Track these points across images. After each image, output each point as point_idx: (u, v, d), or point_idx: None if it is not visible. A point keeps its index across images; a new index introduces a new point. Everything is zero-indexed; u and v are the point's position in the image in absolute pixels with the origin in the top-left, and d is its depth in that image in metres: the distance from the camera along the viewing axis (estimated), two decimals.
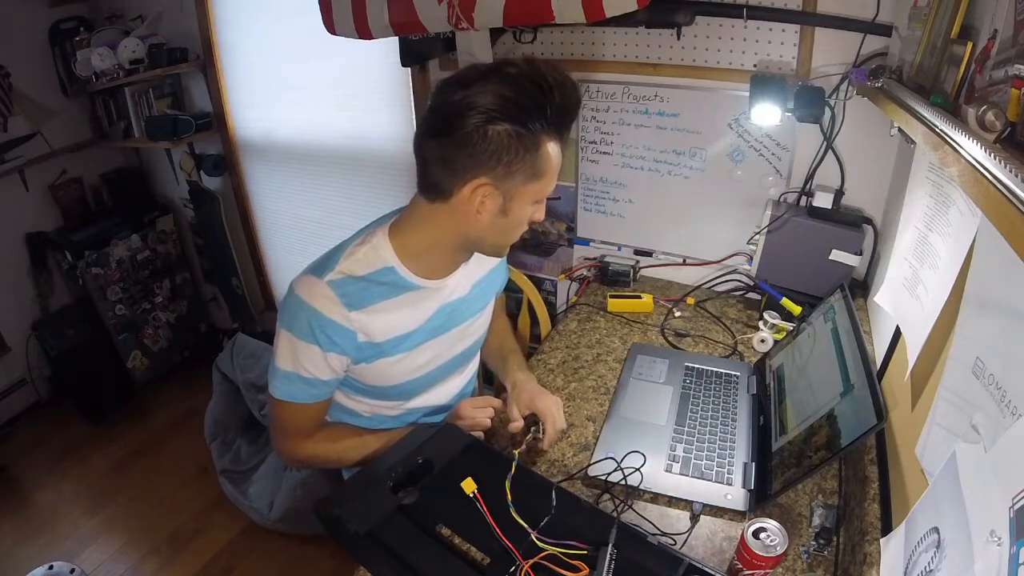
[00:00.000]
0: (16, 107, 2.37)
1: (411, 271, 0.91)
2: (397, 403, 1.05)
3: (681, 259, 1.69)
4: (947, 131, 0.61)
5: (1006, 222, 0.46)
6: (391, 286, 0.91)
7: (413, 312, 0.94)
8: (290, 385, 0.89)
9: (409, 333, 0.95)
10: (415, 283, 0.92)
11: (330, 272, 0.87)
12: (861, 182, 1.39)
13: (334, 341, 0.87)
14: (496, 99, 0.75)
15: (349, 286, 0.87)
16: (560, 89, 0.77)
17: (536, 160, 0.80)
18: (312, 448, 0.98)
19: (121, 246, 2.61)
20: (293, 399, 0.91)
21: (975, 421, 0.60)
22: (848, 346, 0.96)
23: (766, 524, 0.80)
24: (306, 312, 0.85)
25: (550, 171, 0.83)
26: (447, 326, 1.00)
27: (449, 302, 0.98)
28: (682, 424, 1.10)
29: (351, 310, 0.86)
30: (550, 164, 0.82)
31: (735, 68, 1.40)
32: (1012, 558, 0.45)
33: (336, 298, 0.85)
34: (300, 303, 0.86)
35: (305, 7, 1.71)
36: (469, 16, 1.39)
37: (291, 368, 0.88)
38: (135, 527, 2.11)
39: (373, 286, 0.89)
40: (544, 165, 0.81)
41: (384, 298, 0.90)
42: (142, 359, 2.77)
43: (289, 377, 0.89)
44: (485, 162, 0.78)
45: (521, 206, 0.84)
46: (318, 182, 2.37)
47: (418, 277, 0.92)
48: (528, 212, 0.86)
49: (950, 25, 0.71)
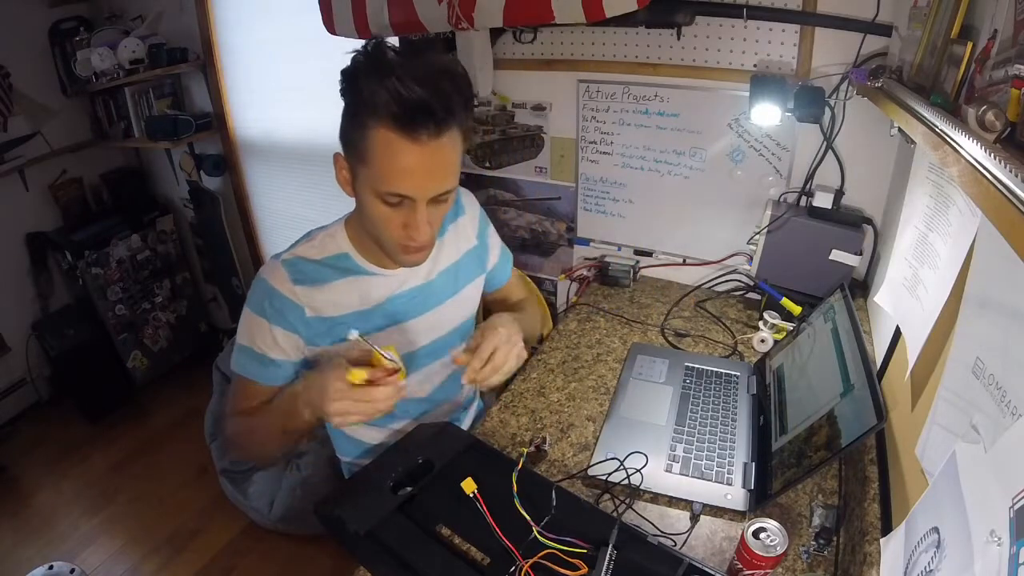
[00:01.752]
0: (16, 107, 2.37)
1: (364, 259, 0.96)
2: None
3: (681, 259, 1.69)
4: (947, 131, 0.61)
5: (1006, 222, 0.46)
6: (342, 270, 0.95)
7: (363, 295, 0.97)
8: (243, 358, 0.93)
9: (362, 314, 0.97)
10: (367, 269, 0.97)
11: (286, 254, 0.94)
12: (861, 182, 1.39)
13: (282, 315, 0.91)
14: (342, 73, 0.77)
15: (301, 265, 0.93)
16: (402, 74, 0.71)
17: (361, 142, 0.77)
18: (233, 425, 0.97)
19: (121, 246, 2.61)
20: (245, 373, 0.94)
21: (975, 421, 0.60)
22: (848, 346, 0.96)
23: (766, 524, 0.80)
24: (260, 286, 0.92)
25: (375, 159, 0.76)
26: (408, 314, 1.02)
27: (403, 291, 1.00)
28: (682, 424, 1.10)
29: (297, 285, 0.91)
30: (373, 150, 0.76)
31: (735, 68, 1.40)
32: (1012, 558, 0.45)
33: (286, 274, 0.91)
34: (258, 280, 0.93)
35: (305, 7, 1.71)
36: (469, 16, 1.39)
37: (246, 343, 0.93)
38: (135, 527, 2.11)
39: (325, 268, 0.94)
40: (367, 149, 0.76)
41: (333, 279, 0.94)
42: (142, 359, 2.77)
43: (243, 350, 0.93)
44: (340, 133, 0.82)
45: (362, 190, 0.82)
46: (318, 182, 2.37)
47: (371, 264, 0.97)
48: (375, 206, 0.81)
49: (950, 25, 0.71)
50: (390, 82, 0.71)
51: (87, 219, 2.68)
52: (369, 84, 0.73)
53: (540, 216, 1.85)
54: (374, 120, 0.74)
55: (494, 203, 1.88)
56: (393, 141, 0.74)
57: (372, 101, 0.73)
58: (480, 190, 1.86)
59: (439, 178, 0.80)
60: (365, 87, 0.74)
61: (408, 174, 0.77)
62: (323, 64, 2.06)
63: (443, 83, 0.74)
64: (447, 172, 0.81)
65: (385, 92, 0.72)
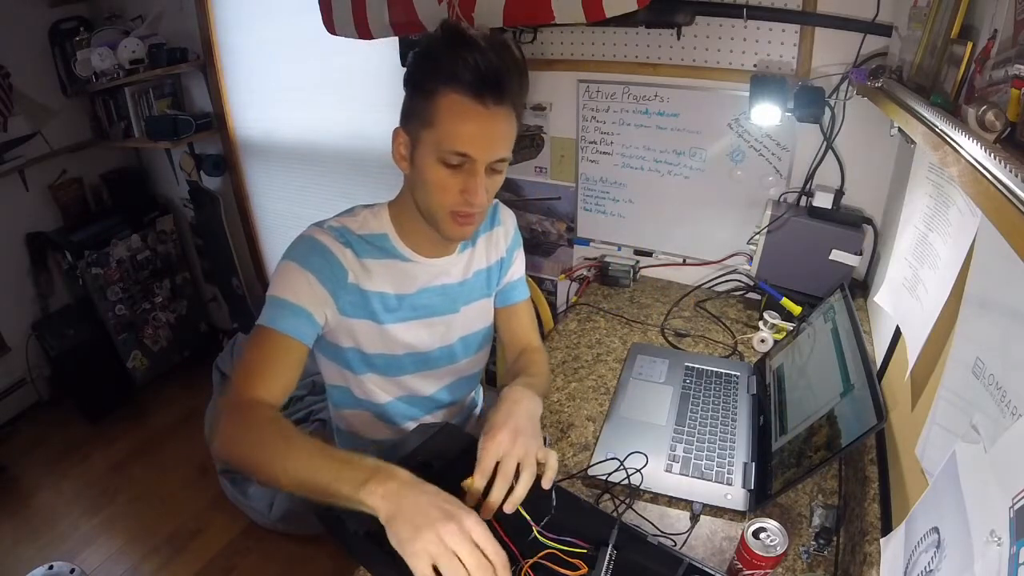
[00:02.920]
0: (16, 107, 2.37)
1: (403, 243, 0.98)
2: (388, 380, 1.05)
3: (681, 259, 1.69)
4: (947, 131, 0.61)
5: (1006, 222, 0.46)
6: (382, 251, 0.96)
7: (399, 280, 0.98)
8: (274, 310, 0.88)
9: (396, 300, 0.98)
10: (405, 254, 0.98)
11: (331, 221, 0.96)
12: (861, 182, 1.39)
13: (329, 270, 0.91)
14: (414, 54, 0.86)
15: (346, 234, 0.94)
16: (479, 46, 0.79)
17: (428, 107, 0.82)
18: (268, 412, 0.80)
19: (121, 246, 2.61)
20: (273, 324, 0.86)
21: (975, 421, 0.60)
22: (848, 346, 0.96)
23: (766, 524, 0.80)
24: (307, 241, 0.92)
25: (442, 121, 0.82)
26: (435, 310, 1.03)
27: (435, 286, 1.01)
28: (682, 424, 1.10)
29: (346, 247, 0.93)
30: (441, 113, 0.81)
31: (735, 68, 1.40)
32: (1012, 558, 0.45)
33: (335, 236, 0.93)
34: (303, 237, 0.94)
35: (305, 7, 1.72)
36: (469, 16, 1.39)
37: (280, 294, 0.89)
38: (135, 527, 2.11)
39: (366, 245, 0.95)
40: (435, 113, 0.82)
41: (373, 257, 0.95)
42: (142, 359, 2.77)
43: (275, 302, 0.88)
44: (402, 110, 0.88)
45: (423, 157, 0.85)
46: (318, 182, 2.37)
47: (408, 250, 0.98)
48: (435, 170, 0.85)
49: (950, 25, 0.71)
50: (468, 51, 0.78)
51: (87, 219, 2.68)
52: (447, 55, 0.80)
53: (540, 216, 1.85)
54: (446, 86, 0.80)
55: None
56: (461, 102, 0.80)
57: (449, 69, 0.79)
58: None
59: (499, 143, 0.85)
60: (443, 57, 0.80)
61: (472, 135, 0.82)
62: (323, 64, 2.08)
63: (511, 62, 0.81)
64: (506, 140, 0.86)
65: (462, 61, 0.78)
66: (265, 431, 0.77)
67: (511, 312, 1.16)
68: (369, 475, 0.66)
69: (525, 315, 1.18)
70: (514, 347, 1.15)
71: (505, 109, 0.83)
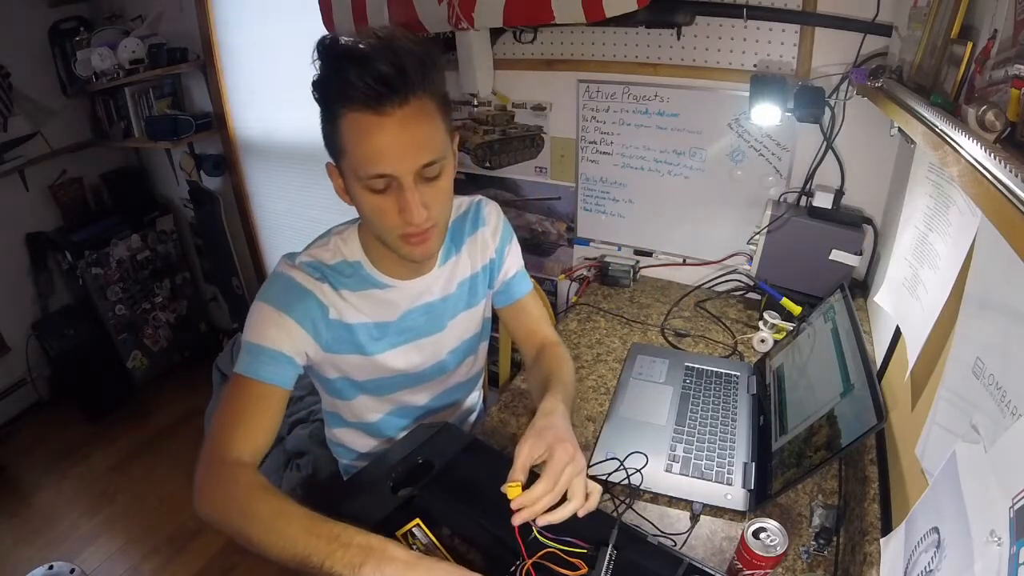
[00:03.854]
0: (16, 107, 2.38)
1: (378, 269, 0.93)
2: (379, 399, 1.04)
3: (681, 259, 1.69)
4: (947, 131, 0.61)
5: (1006, 222, 0.46)
6: (357, 278, 0.92)
7: (379, 309, 0.94)
8: (250, 358, 0.84)
9: (379, 330, 0.94)
10: (381, 280, 0.93)
11: (303, 255, 0.91)
12: (861, 182, 1.39)
13: (306, 311, 0.86)
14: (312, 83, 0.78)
15: (319, 269, 0.90)
16: (355, 55, 0.71)
17: (335, 134, 0.77)
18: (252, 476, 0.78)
19: (121, 246, 2.61)
20: (250, 372, 0.83)
21: (975, 421, 0.60)
22: (848, 346, 0.96)
23: (766, 524, 0.80)
24: (281, 280, 0.88)
25: (350, 145, 0.76)
26: (422, 331, 0.99)
27: (419, 306, 0.97)
28: (682, 424, 1.10)
29: (322, 282, 0.89)
30: (346, 137, 0.75)
31: (735, 68, 1.40)
32: (1012, 558, 0.45)
33: (308, 272, 0.88)
34: (276, 275, 0.89)
35: (305, 7, 1.72)
36: (469, 16, 1.39)
37: (256, 340, 0.84)
38: (135, 527, 2.11)
39: (341, 276, 0.91)
40: (342, 139, 0.76)
41: (350, 288, 0.91)
42: (142, 359, 2.78)
43: (252, 349, 0.84)
44: (324, 141, 0.81)
45: (352, 187, 0.80)
46: (318, 182, 2.36)
47: (384, 276, 0.93)
48: (367, 198, 0.79)
49: (950, 25, 0.71)
50: (350, 63, 0.71)
51: (87, 219, 2.69)
52: (332, 74, 0.74)
53: (540, 216, 1.85)
54: (341, 107, 0.74)
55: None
56: (360, 120, 0.73)
57: (338, 88, 0.73)
58: (480, 190, 1.86)
59: (416, 149, 0.76)
60: (330, 79, 0.74)
61: (383, 150, 0.74)
62: None
63: (398, 51, 0.72)
64: (424, 142, 0.76)
65: (342, 77, 0.72)
66: (252, 502, 0.73)
67: (517, 309, 1.11)
68: (363, 558, 0.64)
69: (533, 308, 1.12)
70: (530, 345, 1.10)
71: (412, 107, 0.74)
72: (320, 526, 0.69)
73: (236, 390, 0.84)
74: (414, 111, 0.74)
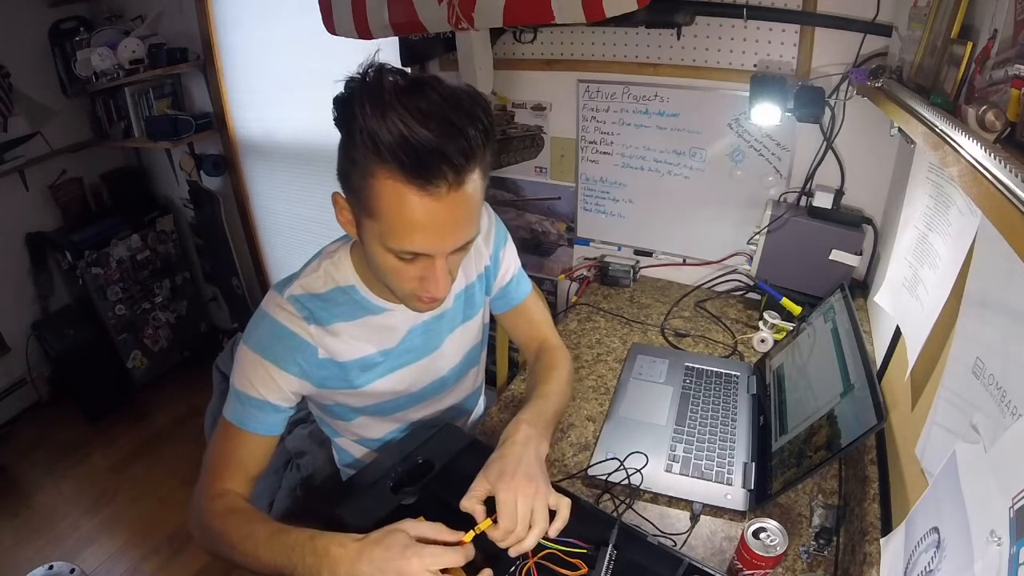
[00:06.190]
0: (16, 107, 2.38)
1: (372, 291, 0.87)
2: (381, 419, 1.03)
3: (681, 259, 1.69)
4: (947, 131, 0.61)
5: (1006, 222, 0.46)
6: (352, 305, 0.86)
7: (379, 336, 0.90)
8: (238, 405, 0.83)
9: (379, 357, 0.91)
10: (377, 305, 0.87)
11: (290, 287, 0.84)
12: (861, 182, 1.39)
13: (292, 356, 0.82)
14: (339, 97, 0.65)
15: (309, 303, 0.84)
16: (400, 117, 0.60)
17: (365, 188, 0.65)
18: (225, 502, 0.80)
19: (121, 246, 2.61)
20: (239, 422, 0.83)
21: (975, 421, 0.60)
22: (848, 346, 0.96)
23: (766, 524, 0.80)
24: (265, 323, 0.83)
25: (384, 212, 0.65)
26: (424, 350, 0.97)
27: (421, 323, 0.94)
28: (682, 424, 1.10)
29: (311, 324, 0.83)
30: (381, 202, 0.64)
31: (735, 68, 1.40)
32: (1012, 558, 0.45)
33: (296, 311, 0.82)
34: (262, 315, 0.84)
35: (305, 7, 1.71)
36: (469, 16, 1.39)
37: (243, 388, 0.82)
38: (135, 527, 2.11)
39: (333, 305, 0.85)
40: (374, 200, 0.65)
41: (346, 319, 0.86)
42: (142, 359, 2.77)
43: (239, 397, 0.82)
44: (337, 170, 0.70)
45: (369, 242, 0.71)
46: (318, 182, 2.37)
47: (380, 299, 0.87)
48: (386, 258, 0.71)
49: (950, 25, 0.71)
50: (392, 119, 0.60)
51: (87, 219, 2.69)
52: (368, 120, 0.61)
53: (540, 216, 1.85)
54: (380, 167, 0.62)
55: (494, 203, 1.87)
56: (402, 191, 0.63)
57: (375, 142, 0.61)
58: None
59: (461, 231, 0.69)
60: (364, 123, 0.61)
61: (425, 232, 0.66)
62: (323, 64, 2.08)
63: (458, 118, 0.61)
64: (470, 222, 0.70)
65: (388, 132, 0.60)
66: (226, 531, 0.76)
67: (517, 313, 1.09)
68: (318, 563, 0.66)
69: (534, 311, 1.09)
70: (530, 348, 1.09)
71: (468, 186, 0.65)
72: (279, 541, 0.70)
73: (224, 436, 0.85)
74: (467, 191, 0.66)
